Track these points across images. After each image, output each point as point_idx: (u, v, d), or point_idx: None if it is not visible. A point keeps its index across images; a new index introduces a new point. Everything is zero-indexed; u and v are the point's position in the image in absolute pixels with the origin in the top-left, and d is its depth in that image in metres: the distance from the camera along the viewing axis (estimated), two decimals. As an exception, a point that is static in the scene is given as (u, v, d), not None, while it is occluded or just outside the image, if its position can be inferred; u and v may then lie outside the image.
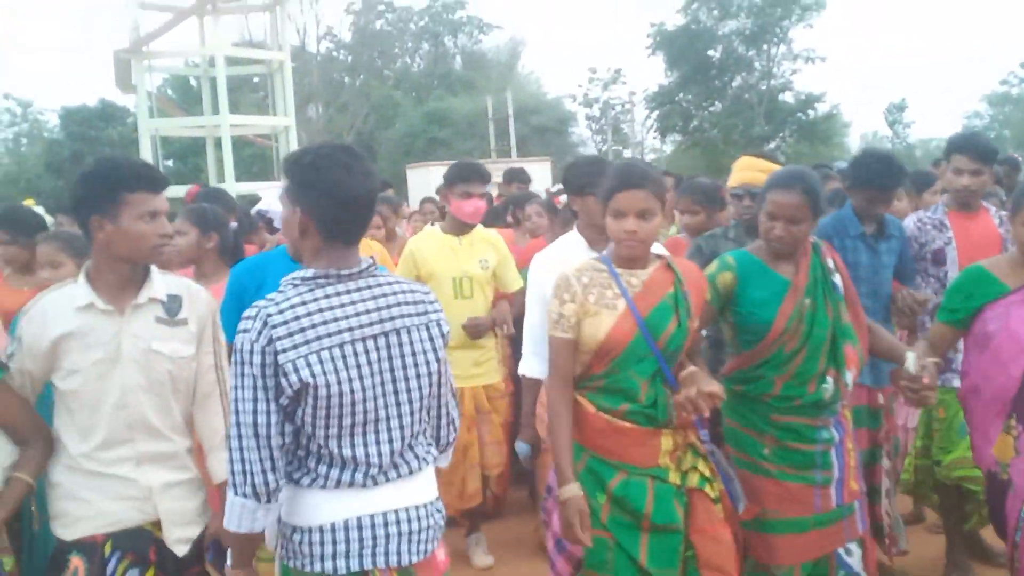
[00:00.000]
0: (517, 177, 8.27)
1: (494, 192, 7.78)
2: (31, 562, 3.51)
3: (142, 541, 2.73)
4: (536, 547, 4.86)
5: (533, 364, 3.65)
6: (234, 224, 4.33)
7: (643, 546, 2.91)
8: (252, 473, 2.20)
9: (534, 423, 3.80)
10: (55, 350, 2.67)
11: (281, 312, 2.20)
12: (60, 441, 2.75)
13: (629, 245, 2.96)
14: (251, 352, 2.20)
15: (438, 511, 2.46)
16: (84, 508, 2.70)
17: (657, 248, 3.21)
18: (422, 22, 43.80)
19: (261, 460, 2.20)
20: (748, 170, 4.07)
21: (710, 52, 37.33)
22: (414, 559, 2.34)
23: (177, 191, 8.10)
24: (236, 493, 2.23)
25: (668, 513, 2.93)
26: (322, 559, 2.26)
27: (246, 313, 2.25)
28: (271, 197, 4.94)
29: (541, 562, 4.65)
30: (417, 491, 2.39)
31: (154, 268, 2.83)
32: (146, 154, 24.09)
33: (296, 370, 2.18)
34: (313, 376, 2.19)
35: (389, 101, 39.19)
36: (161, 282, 2.80)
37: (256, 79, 33.93)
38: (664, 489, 2.95)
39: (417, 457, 2.39)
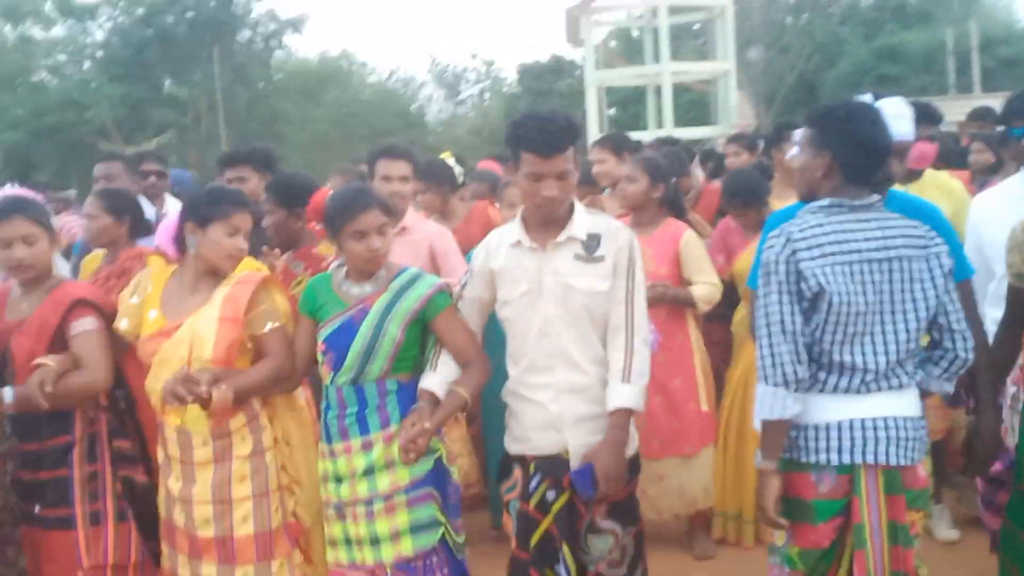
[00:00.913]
0: (982, 116, 7.47)
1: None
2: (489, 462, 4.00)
3: (558, 467, 2.97)
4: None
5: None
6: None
7: None
8: (782, 364, 2.51)
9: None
10: (493, 280, 3.05)
11: (801, 231, 2.54)
12: (509, 365, 3.10)
13: None
14: (776, 263, 2.54)
15: (923, 427, 2.61)
16: (518, 429, 3.06)
17: None
18: (874, -48, 40.83)
19: (789, 352, 2.51)
20: None
21: None
22: (901, 462, 2.53)
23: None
24: (768, 383, 2.54)
25: None
26: (816, 452, 2.53)
27: (771, 234, 2.60)
28: None
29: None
30: (905, 405, 2.57)
31: (579, 208, 3.02)
32: (591, 104, 25.32)
33: (814, 275, 2.49)
34: (828, 283, 2.48)
35: (834, 39, 37.18)
36: (582, 222, 3.00)
37: (696, 25, 34.03)
38: None
39: (907, 373, 2.58)
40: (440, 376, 3.05)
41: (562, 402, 2.97)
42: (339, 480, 3.05)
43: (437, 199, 4.96)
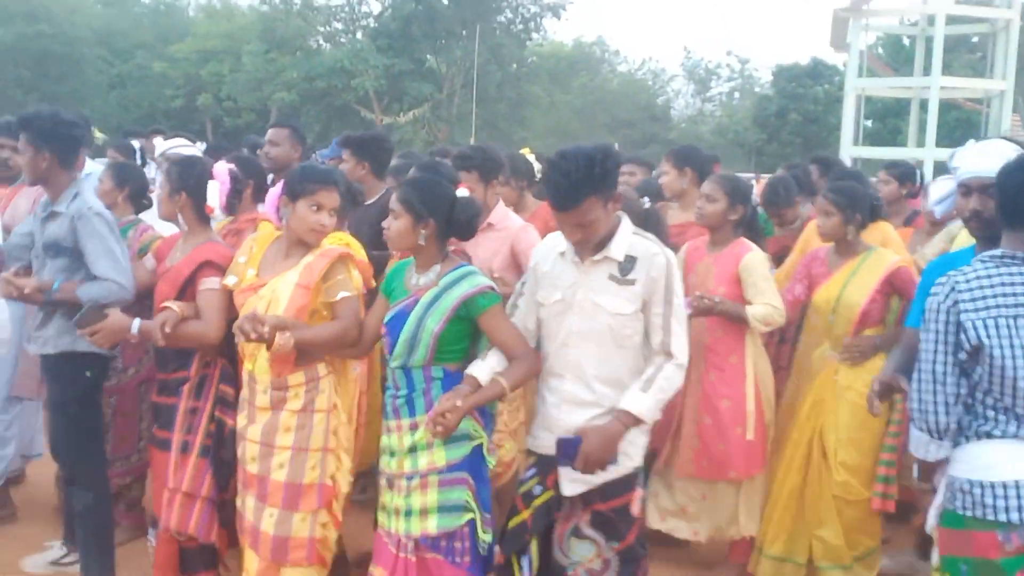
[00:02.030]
0: None
1: None
2: None
3: (549, 467, 3.12)
4: None
5: None
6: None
7: None
8: (927, 412, 2.59)
9: None
10: (538, 280, 3.19)
11: (967, 281, 2.54)
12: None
13: None
14: (937, 311, 2.56)
15: None
16: (533, 425, 3.25)
17: None
18: None
19: (935, 403, 2.58)
20: None
21: None
22: None
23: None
24: (916, 426, 2.65)
25: None
26: (1008, 511, 2.48)
27: (938, 280, 2.62)
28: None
29: None
30: None
31: (624, 227, 3.07)
32: (848, 113, 24.26)
33: (974, 328, 2.50)
34: (988, 338, 2.49)
35: None
36: (622, 243, 3.05)
37: (975, 39, 31.80)
38: None
39: None
40: (487, 365, 3.14)
41: (563, 409, 3.10)
42: (392, 454, 3.24)
43: (515, 193, 5.06)
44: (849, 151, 23.49)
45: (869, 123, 33.34)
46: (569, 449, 2.97)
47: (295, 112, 35.22)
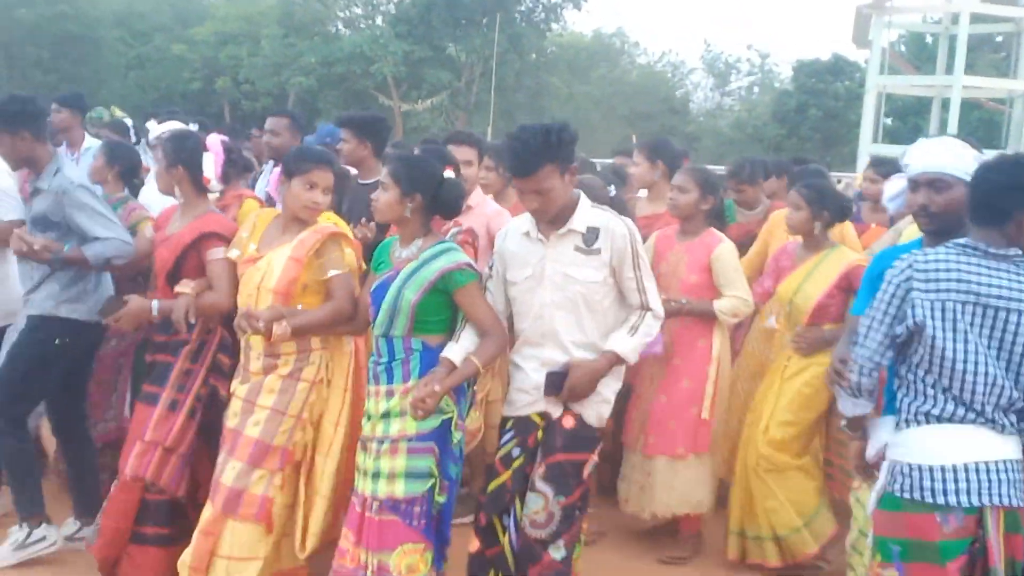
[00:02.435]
0: None
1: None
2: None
3: (527, 428, 3.40)
4: None
5: None
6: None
7: None
8: (851, 371, 2.76)
9: None
10: (505, 261, 3.45)
11: (926, 261, 2.67)
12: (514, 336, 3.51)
13: None
14: (889, 283, 2.70)
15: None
16: (509, 392, 3.50)
17: None
18: None
19: (855, 362, 2.74)
20: None
21: None
22: (1018, 503, 2.61)
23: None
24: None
25: None
26: (945, 494, 2.58)
27: (901, 256, 2.74)
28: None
29: None
30: (1013, 449, 2.64)
31: (583, 202, 3.34)
32: (868, 110, 24.11)
33: (921, 306, 2.61)
34: (932, 319, 2.59)
35: None
36: (583, 217, 3.33)
37: (999, 38, 31.48)
38: None
39: (1012, 423, 2.64)
40: (461, 346, 3.34)
41: (543, 372, 3.34)
42: (368, 417, 3.44)
43: (501, 180, 5.14)
44: (869, 148, 23.33)
45: (890, 120, 33.06)
46: (556, 380, 3.28)
47: (313, 97, 35.21)
